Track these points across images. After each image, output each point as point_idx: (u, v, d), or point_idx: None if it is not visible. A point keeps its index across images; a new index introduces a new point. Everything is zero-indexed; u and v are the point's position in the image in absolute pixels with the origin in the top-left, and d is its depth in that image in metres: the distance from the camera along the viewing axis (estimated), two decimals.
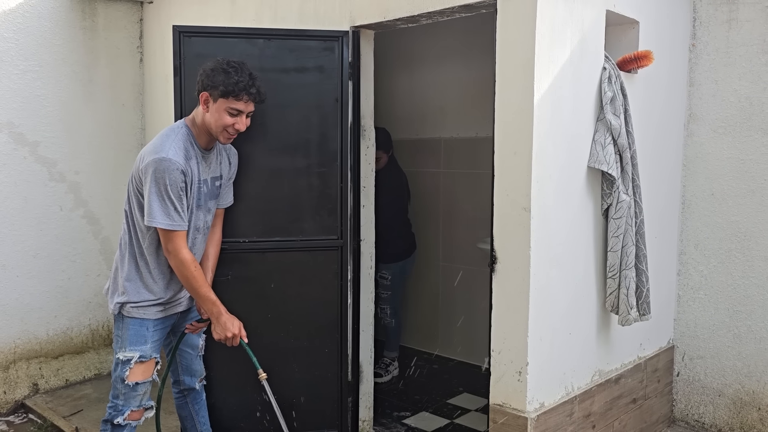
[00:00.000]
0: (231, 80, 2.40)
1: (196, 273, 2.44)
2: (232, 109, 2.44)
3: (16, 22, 3.73)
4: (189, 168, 2.43)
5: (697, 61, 3.41)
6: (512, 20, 2.48)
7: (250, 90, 2.44)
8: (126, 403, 2.51)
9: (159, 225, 2.37)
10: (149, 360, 2.51)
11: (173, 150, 2.38)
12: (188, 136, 2.48)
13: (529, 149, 2.45)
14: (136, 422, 2.56)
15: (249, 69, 2.49)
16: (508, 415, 2.58)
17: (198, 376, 2.82)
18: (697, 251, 3.45)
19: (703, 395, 3.46)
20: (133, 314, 2.50)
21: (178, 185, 2.37)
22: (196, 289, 2.46)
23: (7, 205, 3.74)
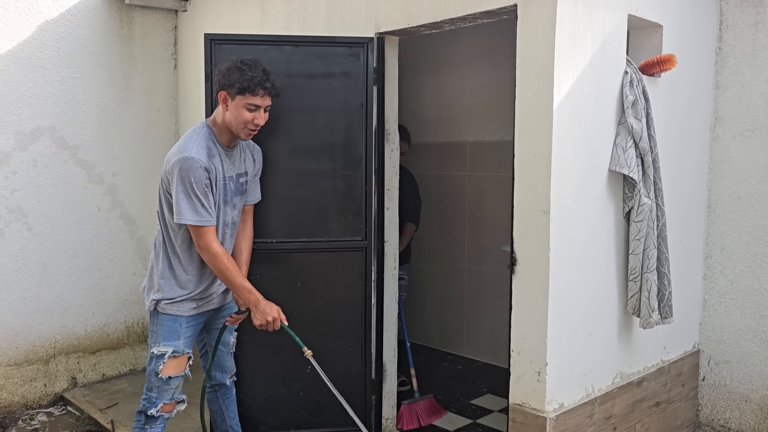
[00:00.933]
0: (246, 77, 2.49)
1: (229, 264, 2.53)
2: (250, 105, 2.52)
3: (58, 31, 3.91)
4: (212, 165, 2.52)
5: (723, 64, 3.39)
6: (532, 26, 2.52)
7: (265, 84, 2.52)
8: (159, 395, 2.62)
9: (187, 221, 2.47)
10: (182, 355, 2.62)
11: (196, 149, 2.49)
12: (210, 135, 2.58)
13: (549, 152, 2.49)
14: (168, 414, 2.67)
15: (262, 65, 2.56)
16: (527, 415, 2.61)
17: (229, 372, 2.92)
18: (723, 255, 3.43)
19: (729, 400, 3.43)
20: (168, 311, 2.61)
21: (203, 182, 2.47)
22: (231, 279, 2.54)
23: (49, 206, 3.92)
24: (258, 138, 2.84)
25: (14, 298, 3.82)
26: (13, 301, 3.82)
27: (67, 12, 3.93)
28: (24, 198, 3.82)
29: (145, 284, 2.72)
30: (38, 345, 3.94)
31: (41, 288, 3.92)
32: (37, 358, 3.94)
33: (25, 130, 3.81)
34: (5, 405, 3.81)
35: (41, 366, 3.95)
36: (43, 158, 3.89)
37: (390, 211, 3.27)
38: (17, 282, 3.83)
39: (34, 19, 3.81)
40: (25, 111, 3.80)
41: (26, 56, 3.79)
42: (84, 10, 4.00)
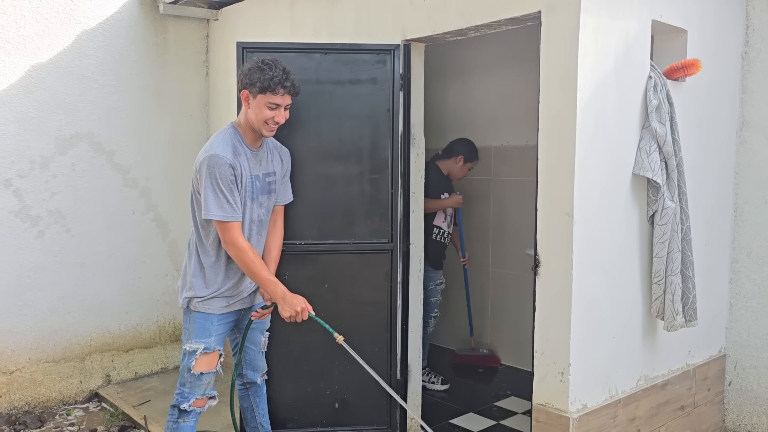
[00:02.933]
0: (266, 76, 2.58)
1: (255, 258, 2.61)
2: (271, 104, 2.61)
3: (96, 41, 4.06)
4: (238, 163, 2.61)
5: (749, 68, 3.39)
6: (556, 32, 2.57)
7: (285, 83, 2.60)
8: (191, 390, 2.71)
9: (214, 217, 2.56)
10: (213, 352, 2.70)
11: (221, 147, 2.59)
12: (235, 135, 2.68)
13: (572, 156, 2.53)
14: (200, 409, 2.76)
15: (282, 65, 2.65)
16: (551, 415, 2.65)
17: (260, 371, 3.00)
18: (749, 259, 3.42)
19: (756, 405, 3.41)
20: (200, 308, 2.70)
21: (228, 178, 2.56)
22: (256, 273, 2.62)
23: (86, 208, 4.06)
24: (288, 142, 2.94)
25: (53, 297, 3.97)
26: (52, 300, 3.97)
27: (105, 22, 4.09)
28: (63, 201, 3.97)
29: (179, 283, 2.83)
30: (75, 343, 4.08)
31: (78, 288, 4.07)
32: (74, 356, 4.08)
33: (64, 136, 3.96)
34: (43, 400, 3.96)
35: (77, 363, 4.09)
36: (82, 162, 4.04)
37: (415, 214, 3.33)
38: (56, 282, 3.97)
39: (74, 29, 3.96)
40: (64, 117, 3.96)
41: (66, 65, 3.95)
42: (121, 20, 4.15)
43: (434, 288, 4.12)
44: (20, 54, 3.79)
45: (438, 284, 4.16)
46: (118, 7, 4.13)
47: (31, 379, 3.91)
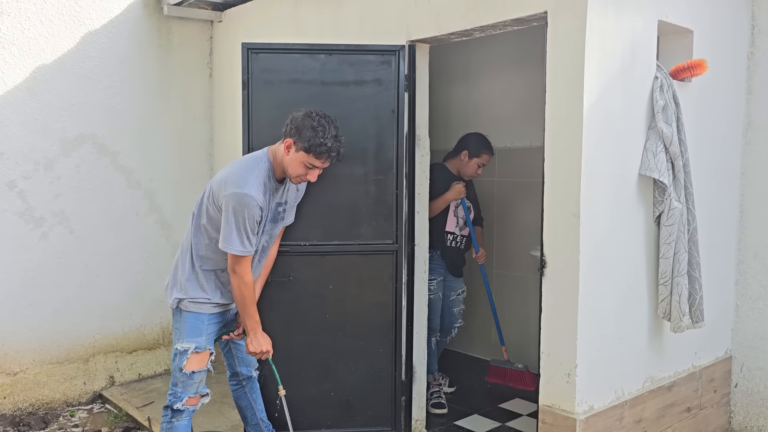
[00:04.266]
0: (317, 140, 2.54)
1: (251, 293, 2.67)
2: (310, 164, 2.59)
3: (100, 42, 4.06)
4: (266, 202, 2.63)
5: (755, 68, 3.39)
6: (562, 33, 2.57)
7: (331, 153, 2.59)
8: (184, 390, 2.72)
9: (233, 252, 2.57)
10: (204, 351, 2.71)
11: (255, 187, 2.55)
12: (268, 171, 2.65)
13: (579, 156, 2.53)
14: (194, 407, 2.77)
15: (336, 127, 2.61)
16: (557, 416, 2.64)
17: (253, 366, 3.01)
18: (756, 261, 3.40)
19: (763, 407, 3.39)
20: (190, 308, 2.71)
21: (255, 219, 2.57)
22: (245, 306, 2.67)
23: (90, 209, 4.06)
24: None
25: (57, 299, 3.97)
26: (56, 301, 3.96)
27: (109, 24, 4.09)
28: (67, 202, 3.97)
29: (168, 282, 2.83)
30: (78, 344, 4.07)
31: (82, 289, 4.06)
32: (78, 357, 4.07)
33: (68, 137, 3.96)
34: (47, 402, 3.95)
35: (81, 364, 4.09)
36: (85, 164, 4.04)
37: (420, 215, 3.32)
38: (60, 283, 3.97)
39: (78, 30, 3.97)
40: (69, 119, 3.96)
41: (71, 66, 3.95)
42: (125, 22, 4.15)
43: (456, 298, 3.96)
44: (25, 56, 3.79)
45: (460, 293, 3.99)
46: (123, 8, 4.13)
47: (35, 380, 3.91)
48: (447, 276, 3.92)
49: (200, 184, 4.54)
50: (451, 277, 3.93)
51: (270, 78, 3.11)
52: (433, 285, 3.82)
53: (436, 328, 3.88)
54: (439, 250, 3.85)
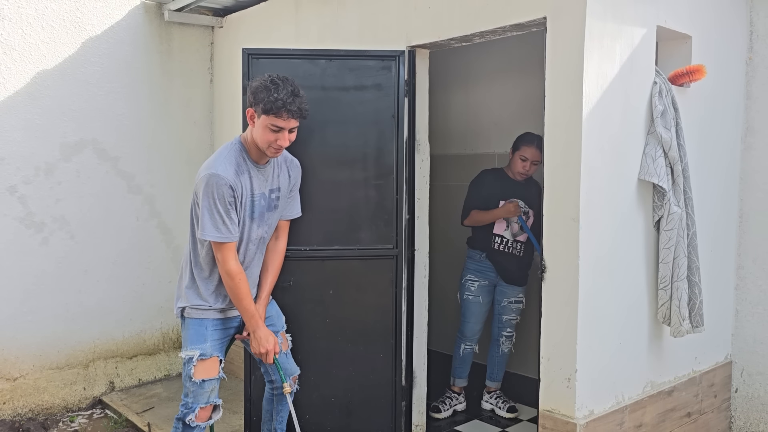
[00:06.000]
0: (271, 97, 2.45)
1: (240, 284, 2.56)
2: (273, 126, 2.49)
3: (101, 48, 4.08)
4: (240, 182, 2.54)
5: (753, 74, 3.40)
6: (561, 38, 2.58)
7: (290, 107, 2.47)
8: (195, 399, 2.64)
9: (208, 237, 2.51)
10: (210, 358, 2.63)
11: (223, 166, 2.50)
12: (241, 151, 2.59)
13: (578, 161, 2.53)
14: (205, 424, 2.69)
15: (292, 85, 2.51)
16: (557, 421, 2.63)
17: (290, 374, 2.88)
18: (755, 266, 3.41)
19: (764, 413, 3.39)
20: (193, 315, 2.66)
21: (227, 199, 2.49)
22: (238, 300, 2.58)
23: (90, 215, 4.07)
24: (293, 148, 2.93)
25: (57, 304, 3.97)
26: (56, 307, 3.96)
27: (110, 29, 4.10)
28: (67, 207, 3.98)
29: (176, 293, 2.78)
30: (78, 349, 4.07)
31: (82, 294, 4.06)
32: (77, 362, 4.07)
33: (69, 143, 3.97)
34: (47, 407, 3.95)
35: (81, 370, 4.09)
36: (86, 169, 4.04)
37: (420, 220, 3.33)
38: (60, 288, 3.97)
39: (79, 36, 3.98)
40: (69, 124, 3.97)
41: (71, 72, 3.96)
42: (126, 27, 4.16)
43: (507, 305, 3.80)
44: (26, 61, 3.81)
45: (512, 302, 3.80)
46: (123, 14, 4.15)
47: (35, 385, 3.91)
48: (498, 281, 3.80)
49: None
50: (503, 283, 3.80)
51: None
52: (473, 287, 3.78)
53: (466, 334, 3.83)
54: (485, 252, 3.76)
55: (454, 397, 3.89)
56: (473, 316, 3.81)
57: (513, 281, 3.79)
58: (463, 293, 3.83)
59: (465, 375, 3.91)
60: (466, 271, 3.85)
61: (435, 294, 4.08)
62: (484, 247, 3.76)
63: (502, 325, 3.85)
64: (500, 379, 3.94)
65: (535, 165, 3.66)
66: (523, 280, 3.82)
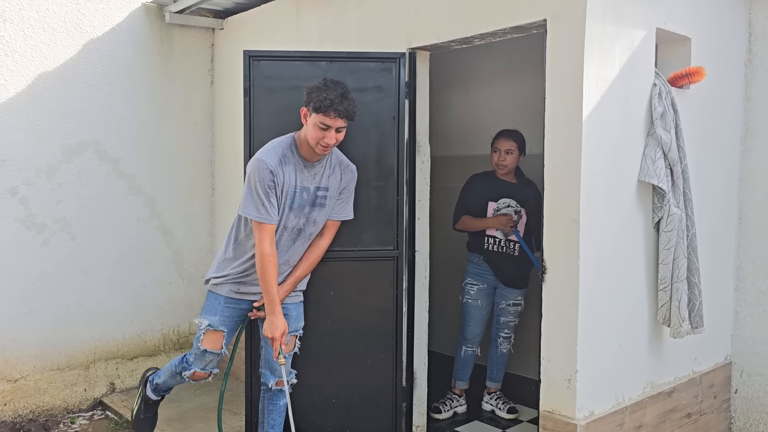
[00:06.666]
0: (321, 96, 2.64)
1: (268, 267, 2.70)
2: (322, 124, 2.66)
3: (102, 50, 4.09)
4: (281, 171, 2.72)
5: (753, 76, 3.41)
6: (561, 40, 2.59)
7: (338, 107, 2.64)
8: (194, 362, 2.93)
9: (247, 214, 2.72)
10: (217, 331, 2.87)
11: (268, 154, 2.73)
12: (290, 145, 2.79)
13: (578, 163, 2.55)
14: (196, 381, 2.98)
15: (343, 88, 2.69)
16: (558, 422, 2.64)
17: (276, 376, 2.93)
18: (755, 266, 3.42)
19: (763, 413, 3.40)
20: (211, 288, 2.91)
21: (266, 183, 2.68)
22: (263, 281, 2.72)
23: (91, 216, 4.07)
24: None
25: (58, 305, 3.97)
26: (57, 308, 3.97)
27: (111, 31, 4.11)
28: (68, 209, 3.98)
29: None
30: (79, 351, 4.07)
31: (83, 295, 4.07)
32: (78, 364, 4.07)
33: (70, 144, 3.98)
34: (47, 408, 3.95)
35: (82, 371, 4.09)
36: (87, 171, 4.05)
37: (421, 221, 3.34)
38: (61, 289, 3.98)
39: (81, 38, 3.99)
40: (70, 126, 3.97)
41: (72, 74, 3.97)
42: (127, 29, 4.17)
43: (505, 307, 3.80)
44: (27, 63, 3.82)
45: (510, 304, 3.80)
46: (124, 16, 4.16)
47: (36, 387, 3.91)
48: (498, 284, 3.80)
49: (201, 190, 4.57)
50: (503, 286, 3.79)
51: (271, 85, 3.13)
52: (472, 291, 3.80)
53: (467, 337, 3.84)
54: (482, 254, 3.78)
55: (455, 399, 3.89)
56: (473, 320, 3.82)
57: (512, 284, 3.79)
58: (464, 296, 3.85)
59: (466, 377, 3.92)
60: (466, 274, 3.86)
61: (436, 295, 4.10)
62: (479, 249, 3.78)
63: (500, 327, 3.86)
64: (500, 379, 3.94)
65: (508, 154, 3.71)
66: (522, 283, 3.82)
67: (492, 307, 3.85)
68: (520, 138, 3.74)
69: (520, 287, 3.82)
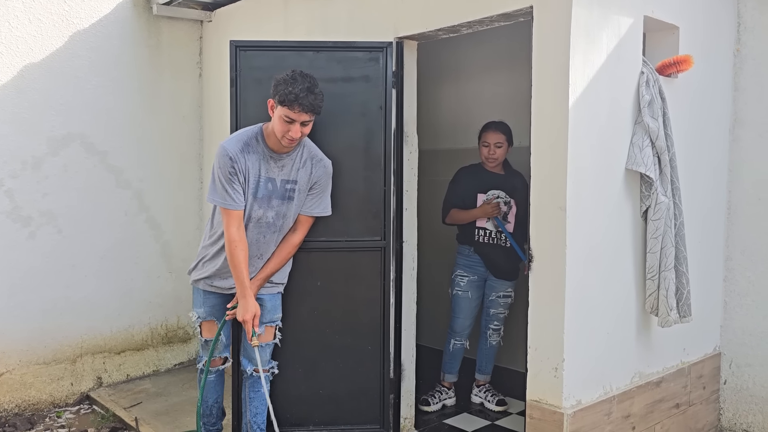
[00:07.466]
0: (287, 89, 2.62)
1: (235, 251, 2.73)
2: (287, 117, 2.65)
3: (89, 41, 4.05)
4: (243, 158, 2.73)
5: (742, 65, 3.41)
6: (548, 26, 2.58)
7: (302, 101, 2.62)
8: (203, 353, 3.02)
9: (210, 200, 2.78)
10: (208, 321, 2.96)
11: (230, 141, 2.76)
12: (256, 134, 2.79)
13: (565, 150, 2.53)
14: (216, 368, 3.02)
15: (310, 81, 2.67)
16: (545, 411, 2.63)
17: (254, 365, 2.94)
18: (743, 257, 3.41)
19: (752, 404, 3.39)
20: (192, 282, 3.01)
21: (227, 169, 2.70)
22: (232, 265, 2.75)
23: (78, 209, 4.04)
24: None
25: (44, 299, 3.93)
26: (44, 302, 3.93)
27: (98, 23, 4.08)
28: (55, 202, 3.95)
29: None
30: (66, 345, 4.04)
31: (70, 289, 4.03)
32: (65, 358, 4.04)
33: (56, 136, 3.94)
34: (33, 403, 3.91)
35: (68, 365, 4.05)
36: (74, 163, 4.01)
37: (408, 212, 3.32)
38: (47, 283, 3.94)
39: (67, 29, 3.96)
40: (57, 118, 3.94)
41: (59, 66, 3.94)
42: (114, 21, 4.14)
43: (495, 299, 3.78)
44: (13, 54, 3.78)
45: (501, 296, 3.78)
46: (112, 8, 4.13)
47: (22, 381, 3.87)
48: (488, 276, 3.78)
49: (190, 183, 4.53)
50: (493, 278, 3.78)
51: (258, 75, 3.10)
52: (462, 282, 3.79)
53: (456, 329, 3.83)
54: (472, 246, 3.76)
55: (444, 392, 3.88)
56: (462, 312, 3.81)
57: (503, 275, 3.78)
58: (453, 288, 3.83)
59: (455, 370, 3.90)
60: (456, 266, 3.85)
61: (426, 291, 4.09)
62: (469, 241, 3.76)
63: (490, 319, 3.85)
64: (489, 372, 3.93)
65: (498, 147, 3.70)
66: (513, 274, 3.81)
67: (482, 299, 3.83)
68: (507, 129, 3.74)
69: (510, 279, 3.81)
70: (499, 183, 3.74)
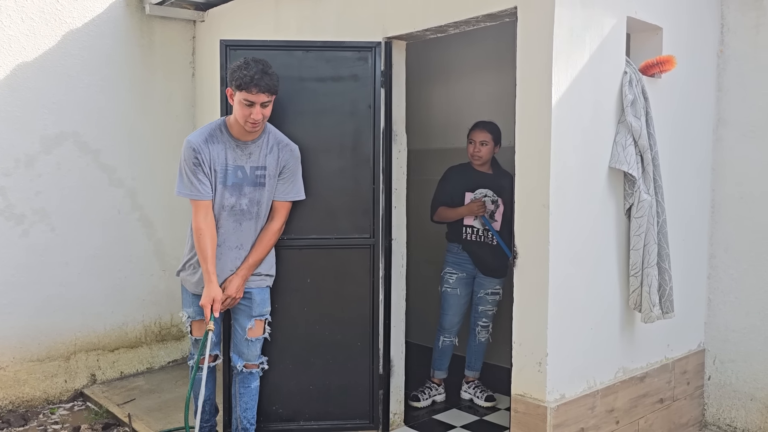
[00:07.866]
0: (242, 74, 2.73)
1: (201, 239, 2.83)
2: (246, 101, 2.74)
3: (82, 40, 4.08)
4: (207, 148, 2.84)
5: (725, 66, 3.46)
6: (531, 27, 2.63)
7: (258, 82, 2.72)
8: (194, 351, 3.05)
9: (177, 192, 2.86)
10: (196, 320, 3.03)
11: (195, 133, 2.89)
12: (220, 126, 2.91)
13: (548, 148, 2.58)
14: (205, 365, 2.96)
15: (263, 64, 2.77)
16: (529, 405, 2.68)
17: (244, 360, 3.02)
18: (727, 255, 3.47)
19: (735, 399, 3.45)
20: (182, 282, 3.09)
21: (191, 161, 2.83)
22: (199, 253, 2.86)
23: (71, 207, 4.07)
24: None
25: (38, 297, 3.97)
26: (37, 299, 3.96)
27: (91, 22, 4.11)
28: (48, 200, 3.98)
29: None
30: (59, 342, 4.07)
31: (63, 287, 4.06)
32: (59, 355, 4.07)
33: (49, 135, 3.97)
34: (27, 399, 3.95)
35: (62, 362, 4.09)
36: (67, 162, 4.05)
37: (397, 210, 3.36)
38: (41, 281, 3.97)
39: (59, 29, 3.99)
40: (49, 117, 3.97)
41: (51, 65, 3.97)
42: (107, 21, 4.17)
43: (483, 296, 3.83)
44: (5, 53, 3.81)
45: (489, 293, 3.82)
46: (104, 7, 4.16)
47: (15, 378, 3.91)
48: (477, 273, 3.83)
49: None
50: (482, 275, 3.82)
51: None
52: (451, 279, 3.83)
53: (445, 326, 3.87)
54: (461, 243, 3.81)
55: (434, 388, 3.92)
56: (451, 309, 3.85)
57: (491, 272, 3.83)
58: (442, 286, 3.87)
59: (444, 367, 3.95)
60: (445, 263, 3.90)
61: (415, 289, 4.12)
62: (457, 239, 3.81)
63: (478, 315, 3.89)
64: (478, 368, 3.97)
65: (483, 145, 3.74)
66: (501, 272, 3.85)
67: (470, 296, 3.88)
68: (495, 129, 3.78)
69: (498, 276, 3.85)
70: (487, 182, 3.79)
